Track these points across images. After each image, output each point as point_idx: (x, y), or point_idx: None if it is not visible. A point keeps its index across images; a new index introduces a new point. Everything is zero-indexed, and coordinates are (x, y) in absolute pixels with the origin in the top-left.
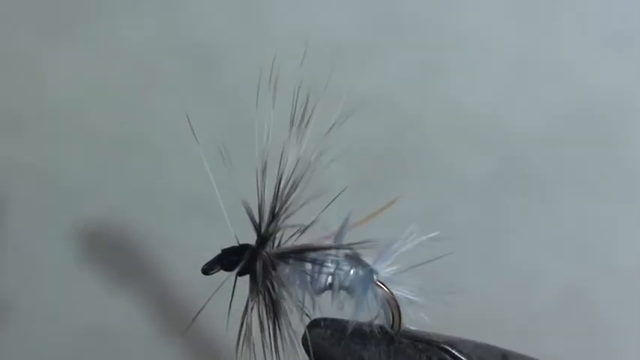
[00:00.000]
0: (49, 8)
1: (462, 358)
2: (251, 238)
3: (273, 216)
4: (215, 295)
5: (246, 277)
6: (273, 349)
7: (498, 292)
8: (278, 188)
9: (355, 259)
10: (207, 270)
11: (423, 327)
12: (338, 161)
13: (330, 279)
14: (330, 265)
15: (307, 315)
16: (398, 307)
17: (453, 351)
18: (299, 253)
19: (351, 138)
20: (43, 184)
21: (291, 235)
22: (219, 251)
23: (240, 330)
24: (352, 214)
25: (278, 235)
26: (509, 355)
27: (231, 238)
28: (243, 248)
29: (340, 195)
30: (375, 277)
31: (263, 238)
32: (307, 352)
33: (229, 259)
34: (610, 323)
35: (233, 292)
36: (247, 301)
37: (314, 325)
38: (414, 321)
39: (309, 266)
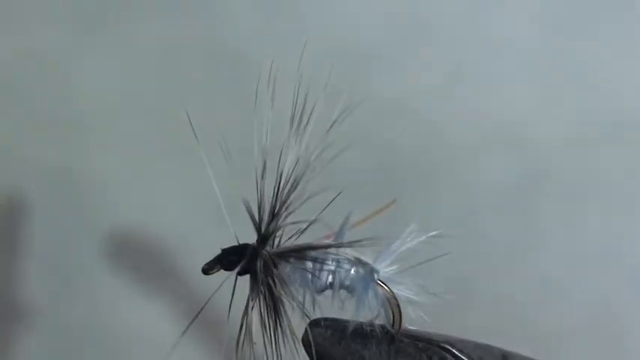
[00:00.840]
0: (78, 9)
1: (463, 357)
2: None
3: (273, 215)
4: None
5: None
6: (274, 348)
7: (523, 302)
8: (278, 187)
9: (356, 258)
10: (207, 270)
11: (423, 327)
12: (364, 169)
13: (330, 278)
14: (330, 263)
15: (307, 315)
16: (398, 306)
17: (454, 350)
18: (299, 252)
19: (376, 142)
20: (73, 186)
21: (291, 236)
22: (219, 251)
23: (240, 330)
24: (352, 214)
25: (278, 234)
26: (508, 355)
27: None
28: (243, 248)
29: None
30: (375, 276)
31: (263, 238)
32: (308, 352)
33: (229, 259)
34: (636, 336)
35: (233, 292)
36: (247, 300)
37: (314, 324)
38: (415, 320)
39: (309, 265)
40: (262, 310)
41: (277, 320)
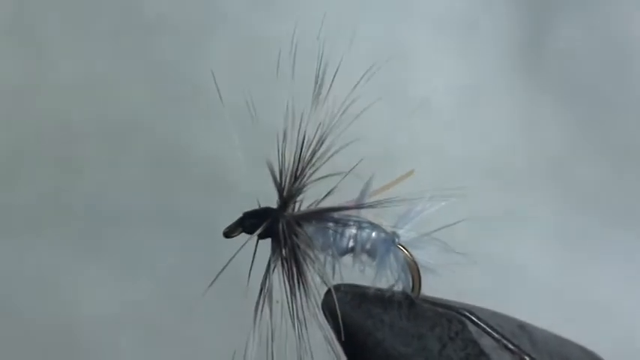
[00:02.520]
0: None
1: (481, 323)
2: None
3: (295, 178)
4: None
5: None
6: (294, 312)
7: None
8: (300, 151)
9: (377, 222)
10: (229, 233)
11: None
12: None
13: (351, 241)
14: (352, 226)
15: (326, 282)
16: (418, 270)
17: (472, 317)
18: (321, 214)
19: None
20: None
21: (313, 202)
22: (241, 214)
23: (261, 292)
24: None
25: (299, 199)
26: (525, 325)
27: None
28: (265, 211)
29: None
30: (396, 239)
31: (285, 201)
32: (327, 316)
33: (251, 222)
34: None
35: (254, 256)
36: (268, 264)
37: (335, 289)
38: (432, 287)
39: (331, 227)
40: (283, 274)
41: (298, 284)
